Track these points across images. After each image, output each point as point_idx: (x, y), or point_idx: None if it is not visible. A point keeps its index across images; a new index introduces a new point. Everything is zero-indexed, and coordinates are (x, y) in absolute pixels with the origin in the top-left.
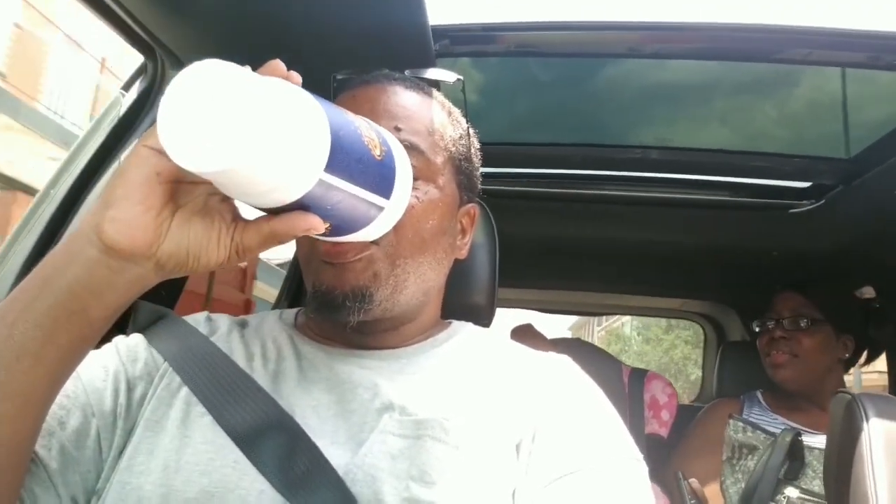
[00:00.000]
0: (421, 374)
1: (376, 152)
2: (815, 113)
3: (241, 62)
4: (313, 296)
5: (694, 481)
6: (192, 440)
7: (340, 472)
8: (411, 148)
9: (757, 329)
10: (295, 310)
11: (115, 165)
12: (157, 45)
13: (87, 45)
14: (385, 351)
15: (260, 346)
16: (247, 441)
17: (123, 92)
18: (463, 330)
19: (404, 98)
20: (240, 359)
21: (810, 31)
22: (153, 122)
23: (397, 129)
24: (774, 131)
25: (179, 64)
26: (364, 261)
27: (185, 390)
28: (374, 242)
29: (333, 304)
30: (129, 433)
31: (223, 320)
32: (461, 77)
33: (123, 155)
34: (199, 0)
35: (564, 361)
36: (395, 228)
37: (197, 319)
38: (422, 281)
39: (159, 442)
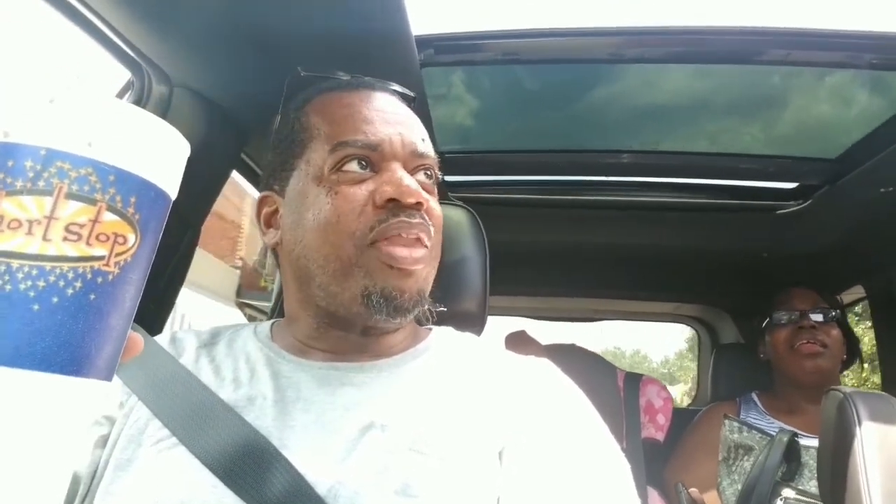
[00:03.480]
0: (402, 386)
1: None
2: (799, 115)
3: (229, 74)
4: (378, 299)
5: (695, 491)
6: (167, 469)
7: (324, 489)
8: (433, 159)
9: (776, 321)
10: (269, 322)
11: None
12: (143, 60)
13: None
14: (367, 363)
15: (232, 367)
16: (221, 466)
17: None
18: (443, 336)
19: (407, 110)
20: (209, 382)
21: (788, 32)
22: None
23: (423, 141)
24: (759, 134)
25: (166, 78)
26: (426, 266)
27: (154, 423)
28: (426, 246)
29: (402, 307)
30: (91, 478)
31: (189, 340)
32: (415, 95)
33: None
34: (185, 14)
35: (544, 365)
36: (437, 231)
37: (162, 340)
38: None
39: (130, 478)
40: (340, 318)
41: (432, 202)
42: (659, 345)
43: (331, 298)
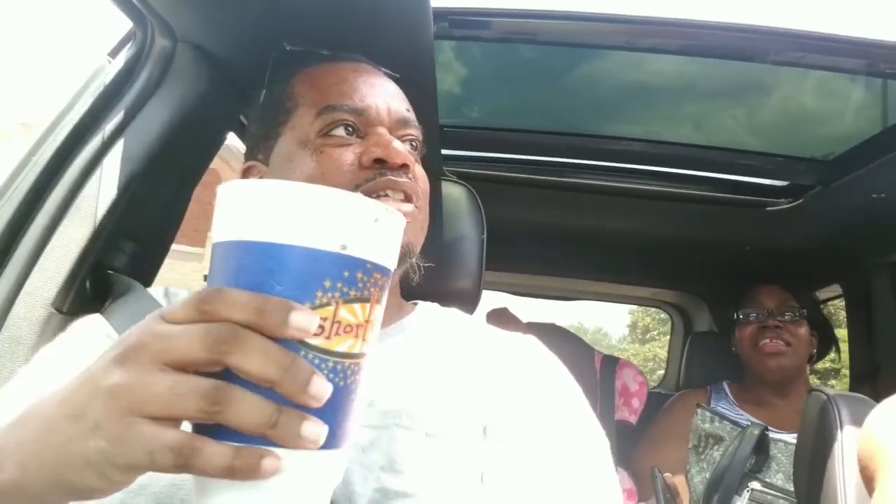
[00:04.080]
0: (386, 361)
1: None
2: (797, 115)
3: (235, 34)
4: None
5: (669, 476)
6: None
7: None
8: (419, 130)
9: (743, 318)
10: None
11: (98, 136)
12: (147, 10)
13: None
14: None
15: None
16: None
17: (110, 59)
18: (427, 312)
19: (393, 84)
20: None
21: (806, 35)
22: (139, 92)
23: (408, 111)
24: (756, 131)
25: (170, 31)
26: (414, 222)
27: None
28: (417, 207)
29: None
30: None
31: (182, 295)
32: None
33: (108, 126)
34: None
35: (529, 341)
36: (424, 197)
37: (157, 293)
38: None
39: None
40: None
41: (418, 168)
42: (619, 323)
43: None
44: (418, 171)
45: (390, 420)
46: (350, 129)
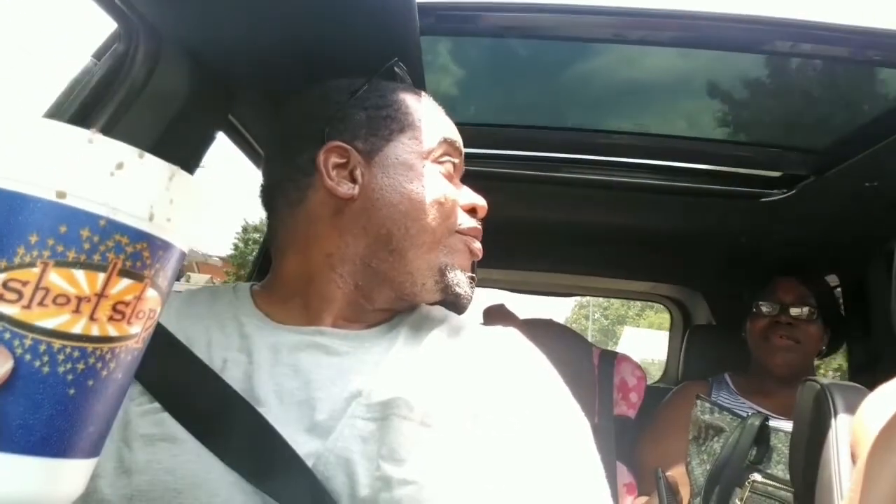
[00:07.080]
0: (383, 355)
1: None
2: (789, 105)
3: (221, 34)
4: (458, 274)
5: (671, 475)
6: (150, 437)
7: (312, 459)
8: None
9: (757, 310)
10: (248, 284)
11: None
12: (132, 12)
13: None
14: (351, 332)
15: (216, 331)
16: (207, 434)
17: (95, 60)
18: (418, 309)
19: None
20: (192, 344)
21: (795, 24)
22: (126, 93)
23: None
24: (750, 123)
25: (155, 32)
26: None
27: (136, 387)
28: None
29: (470, 286)
30: None
31: (171, 297)
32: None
33: (94, 129)
34: None
35: (510, 334)
36: None
37: None
38: None
39: (110, 443)
40: (389, 282)
41: None
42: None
43: (400, 265)
44: None
45: (389, 410)
46: (453, 165)
